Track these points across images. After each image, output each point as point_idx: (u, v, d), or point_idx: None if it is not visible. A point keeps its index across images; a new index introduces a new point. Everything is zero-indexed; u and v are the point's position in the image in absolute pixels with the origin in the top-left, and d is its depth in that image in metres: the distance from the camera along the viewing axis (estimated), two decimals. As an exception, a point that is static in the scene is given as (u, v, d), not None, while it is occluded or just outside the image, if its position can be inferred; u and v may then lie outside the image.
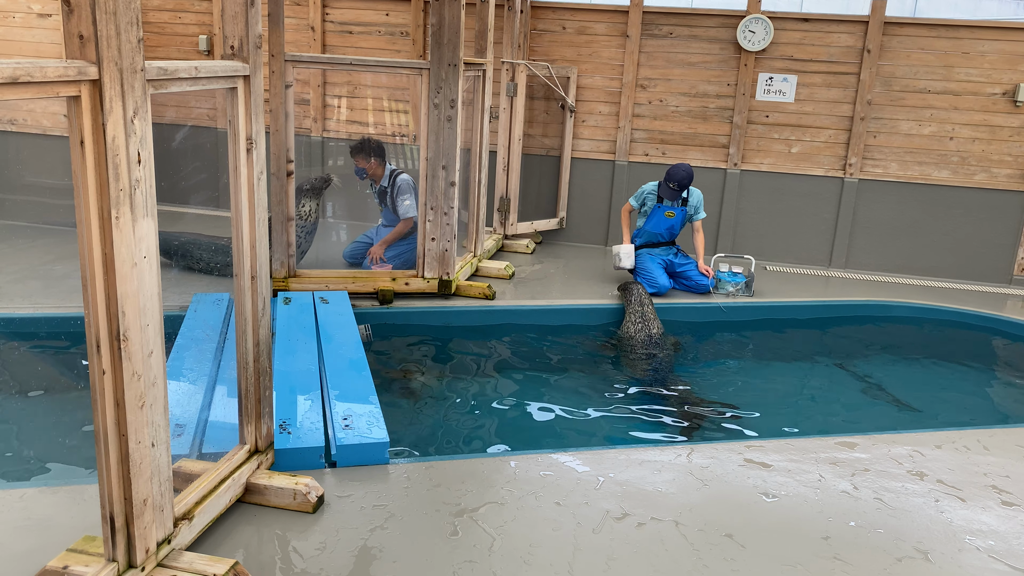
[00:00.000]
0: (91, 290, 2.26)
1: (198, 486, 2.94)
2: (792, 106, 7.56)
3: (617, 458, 3.74)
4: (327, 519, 3.11)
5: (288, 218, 5.57)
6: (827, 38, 7.37)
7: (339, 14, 8.13)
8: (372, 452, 3.54)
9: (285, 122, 5.43)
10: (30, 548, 2.80)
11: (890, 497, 3.51)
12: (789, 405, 5.07)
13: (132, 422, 2.41)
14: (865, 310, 6.64)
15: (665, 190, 6.48)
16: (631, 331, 5.70)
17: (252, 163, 3.00)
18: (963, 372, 5.82)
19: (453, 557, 2.92)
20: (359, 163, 6.50)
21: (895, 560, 3.05)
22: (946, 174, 7.42)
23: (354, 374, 4.26)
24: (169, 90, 2.51)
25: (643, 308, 5.85)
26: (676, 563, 2.96)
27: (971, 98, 7.24)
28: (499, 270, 6.64)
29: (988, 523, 3.34)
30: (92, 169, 2.19)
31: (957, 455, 3.96)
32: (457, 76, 5.49)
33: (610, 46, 7.78)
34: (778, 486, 3.55)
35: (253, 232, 3.06)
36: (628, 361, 5.45)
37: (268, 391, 3.32)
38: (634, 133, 7.90)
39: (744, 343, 6.14)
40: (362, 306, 5.61)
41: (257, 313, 3.16)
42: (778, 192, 7.73)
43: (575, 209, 8.14)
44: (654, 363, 5.39)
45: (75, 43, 2.13)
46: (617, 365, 5.46)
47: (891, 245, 7.61)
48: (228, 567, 2.63)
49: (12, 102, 2.46)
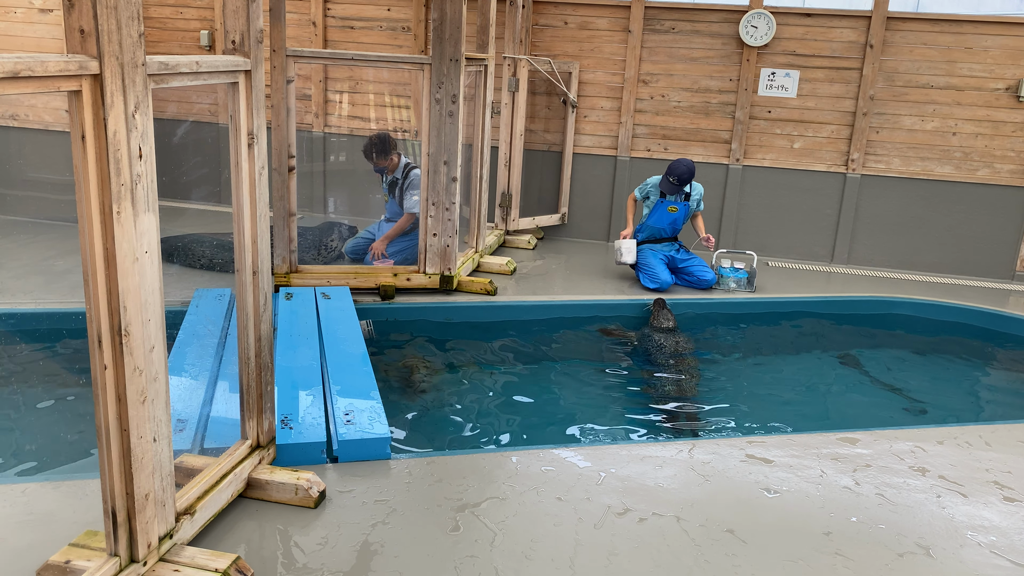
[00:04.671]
0: (92, 285, 2.26)
1: (200, 481, 2.95)
2: (794, 101, 7.54)
3: (619, 453, 3.74)
4: (329, 514, 3.11)
5: (290, 213, 5.56)
6: (829, 33, 7.35)
7: (341, 9, 8.12)
8: (374, 447, 3.54)
9: (287, 117, 5.42)
10: (32, 543, 2.80)
11: (892, 493, 3.51)
12: (791, 401, 5.07)
13: (134, 417, 2.41)
14: (867, 306, 6.63)
15: (666, 185, 6.47)
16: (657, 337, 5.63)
17: (253, 158, 3.00)
18: (965, 368, 5.81)
19: (454, 552, 2.92)
20: (379, 163, 6.48)
21: (897, 555, 3.05)
22: (949, 170, 7.40)
23: (356, 369, 4.26)
24: (170, 85, 2.50)
25: (670, 324, 5.80)
26: (677, 558, 2.96)
27: (974, 93, 7.22)
28: (501, 266, 6.64)
29: (990, 519, 3.34)
30: (93, 164, 2.19)
31: (959, 451, 3.96)
32: (459, 71, 5.48)
33: (612, 41, 7.77)
34: (780, 482, 3.55)
35: (255, 227, 3.06)
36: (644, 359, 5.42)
37: (270, 386, 3.32)
38: (636, 128, 7.88)
39: (746, 339, 6.13)
40: (364, 302, 5.61)
41: (259, 308, 3.16)
42: (780, 188, 7.72)
43: (577, 205, 8.13)
44: (663, 360, 5.37)
45: (76, 37, 2.13)
46: (619, 360, 5.46)
47: (893, 241, 7.60)
48: (230, 562, 2.64)
49: (14, 97, 2.46)
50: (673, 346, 5.50)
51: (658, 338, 5.59)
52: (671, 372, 5.20)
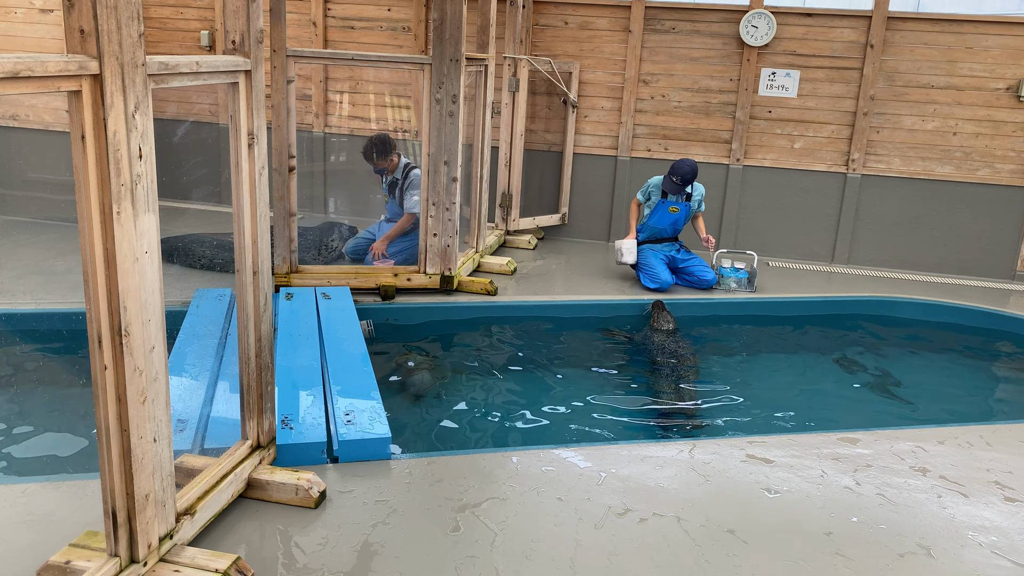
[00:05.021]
0: (92, 285, 2.26)
1: (200, 481, 2.95)
2: (795, 101, 7.54)
3: (619, 454, 3.74)
4: (329, 514, 3.11)
5: (290, 213, 5.56)
6: (830, 33, 7.35)
7: (341, 9, 8.12)
8: (374, 447, 3.54)
9: (287, 117, 5.42)
10: (32, 543, 2.80)
11: (892, 493, 3.51)
12: (791, 401, 5.06)
13: (134, 417, 2.41)
14: (867, 306, 6.63)
15: (669, 184, 6.47)
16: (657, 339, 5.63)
17: (253, 158, 3.00)
18: (966, 368, 5.81)
19: (455, 552, 2.92)
20: (379, 164, 6.48)
21: (897, 556, 3.05)
22: (949, 170, 7.40)
23: (356, 369, 4.26)
24: (170, 85, 2.50)
25: (669, 327, 5.79)
26: (678, 559, 2.95)
27: (974, 93, 7.22)
28: (501, 266, 6.63)
29: (991, 519, 3.34)
30: (93, 164, 2.19)
31: (960, 451, 3.95)
32: (459, 71, 5.48)
33: (612, 41, 7.77)
34: (780, 482, 3.55)
35: (255, 227, 3.05)
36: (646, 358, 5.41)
37: (270, 386, 3.32)
38: (636, 128, 7.88)
39: (746, 339, 6.13)
40: (364, 302, 5.60)
41: (259, 309, 3.15)
42: (780, 188, 7.72)
43: (577, 205, 8.13)
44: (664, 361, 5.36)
45: (76, 38, 2.13)
46: (619, 360, 5.46)
47: (894, 241, 7.59)
48: (230, 562, 2.63)
49: (14, 97, 2.46)
50: (673, 347, 5.49)
51: (658, 339, 5.59)
52: (671, 373, 5.20)
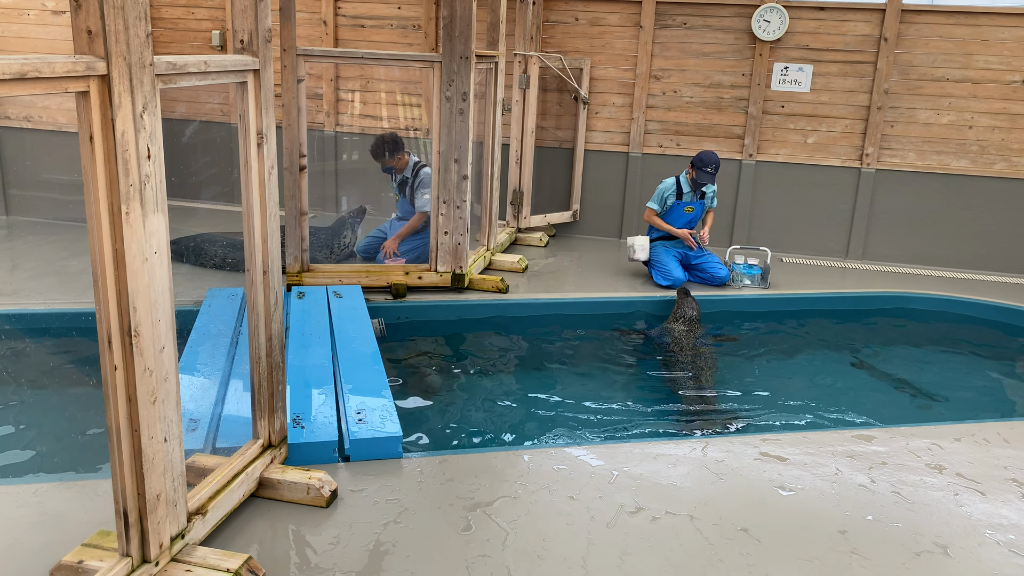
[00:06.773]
0: (102, 286, 2.26)
1: (211, 481, 2.95)
2: (808, 96, 7.48)
3: (631, 452, 3.72)
4: (341, 513, 3.11)
5: (302, 213, 5.57)
6: (843, 26, 7.28)
7: (351, 8, 8.12)
8: (385, 446, 3.53)
9: (298, 116, 5.43)
10: (45, 543, 2.81)
11: (908, 491, 3.47)
12: (805, 398, 5.02)
13: (144, 417, 2.41)
14: (883, 302, 6.57)
15: (702, 175, 6.39)
16: (678, 333, 5.61)
17: (263, 158, 3.00)
18: (983, 364, 5.74)
19: (466, 552, 2.91)
20: (388, 163, 6.48)
21: (913, 554, 3.01)
22: (965, 163, 7.32)
23: (367, 368, 4.25)
24: (178, 85, 2.50)
25: (693, 313, 5.78)
26: (691, 557, 2.93)
27: (990, 86, 7.14)
28: (512, 263, 6.62)
29: (1009, 517, 3.30)
30: (101, 164, 2.18)
31: (977, 448, 3.91)
32: (469, 69, 5.46)
33: (623, 37, 7.73)
34: (794, 480, 3.52)
35: (265, 227, 3.05)
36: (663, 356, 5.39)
37: (281, 385, 3.32)
38: (648, 124, 7.84)
39: (760, 335, 6.09)
40: (375, 300, 5.61)
41: (269, 308, 3.15)
42: (794, 183, 7.66)
43: (589, 202, 8.09)
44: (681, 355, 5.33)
45: (83, 38, 2.12)
46: (632, 357, 5.43)
47: (909, 236, 7.52)
48: (242, 562, 2.63)
49: (27, 99, 2.46)
50: (692, 340, 5.47)
51: (677, 332, 5.56)
52: (688, 367, 5.17)
